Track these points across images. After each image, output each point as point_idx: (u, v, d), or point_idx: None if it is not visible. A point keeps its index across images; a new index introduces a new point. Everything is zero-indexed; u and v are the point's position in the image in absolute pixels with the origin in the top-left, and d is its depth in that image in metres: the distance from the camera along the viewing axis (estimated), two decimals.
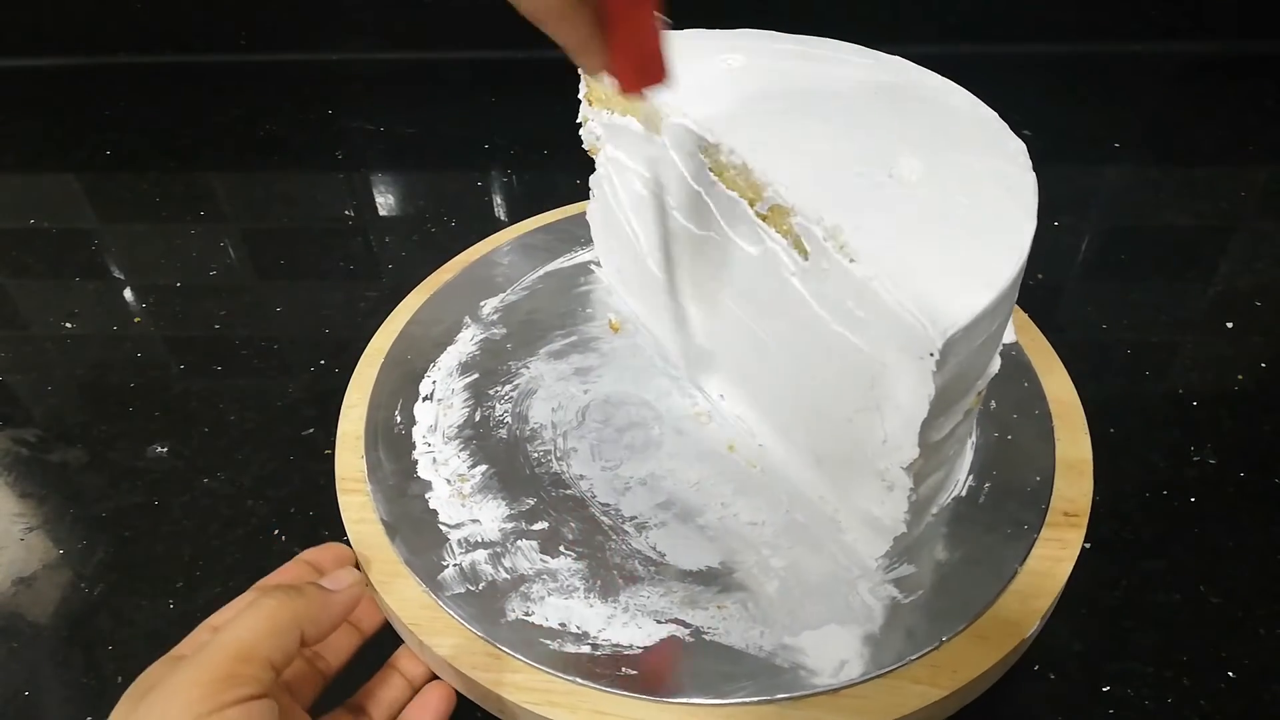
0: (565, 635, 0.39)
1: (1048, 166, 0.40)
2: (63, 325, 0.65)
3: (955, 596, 0.40)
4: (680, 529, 0.43)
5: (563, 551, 0.43)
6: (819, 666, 0.38)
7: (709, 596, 0.41)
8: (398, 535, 0.43)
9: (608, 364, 0.52)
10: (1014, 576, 0.40)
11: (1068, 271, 0.66)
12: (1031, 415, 0.47)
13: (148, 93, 0.93)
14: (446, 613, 0.40)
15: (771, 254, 0.40)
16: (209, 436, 0.56)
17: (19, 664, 0.45)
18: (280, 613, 0.33)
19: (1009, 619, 0.39)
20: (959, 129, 0.42)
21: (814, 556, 0.42)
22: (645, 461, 0.46)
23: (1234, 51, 0.88)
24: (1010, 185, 0.38)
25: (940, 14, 0.87)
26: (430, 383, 0.51)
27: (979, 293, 0.33)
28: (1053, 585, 0.40)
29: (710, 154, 0.42)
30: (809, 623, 0.39)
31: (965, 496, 0.44)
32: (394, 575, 0.42)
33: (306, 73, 0.93)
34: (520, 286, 0.57)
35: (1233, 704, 0.41)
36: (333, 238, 0.73)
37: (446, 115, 0.88)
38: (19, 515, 0.52)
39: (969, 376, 0.37)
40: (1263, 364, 0.58)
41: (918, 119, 0.42)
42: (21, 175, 0.84)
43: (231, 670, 0.31)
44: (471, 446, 0.48)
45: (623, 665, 0.38)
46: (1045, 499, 0.43)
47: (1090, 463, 0.45)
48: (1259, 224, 0.70)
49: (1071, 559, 0.41)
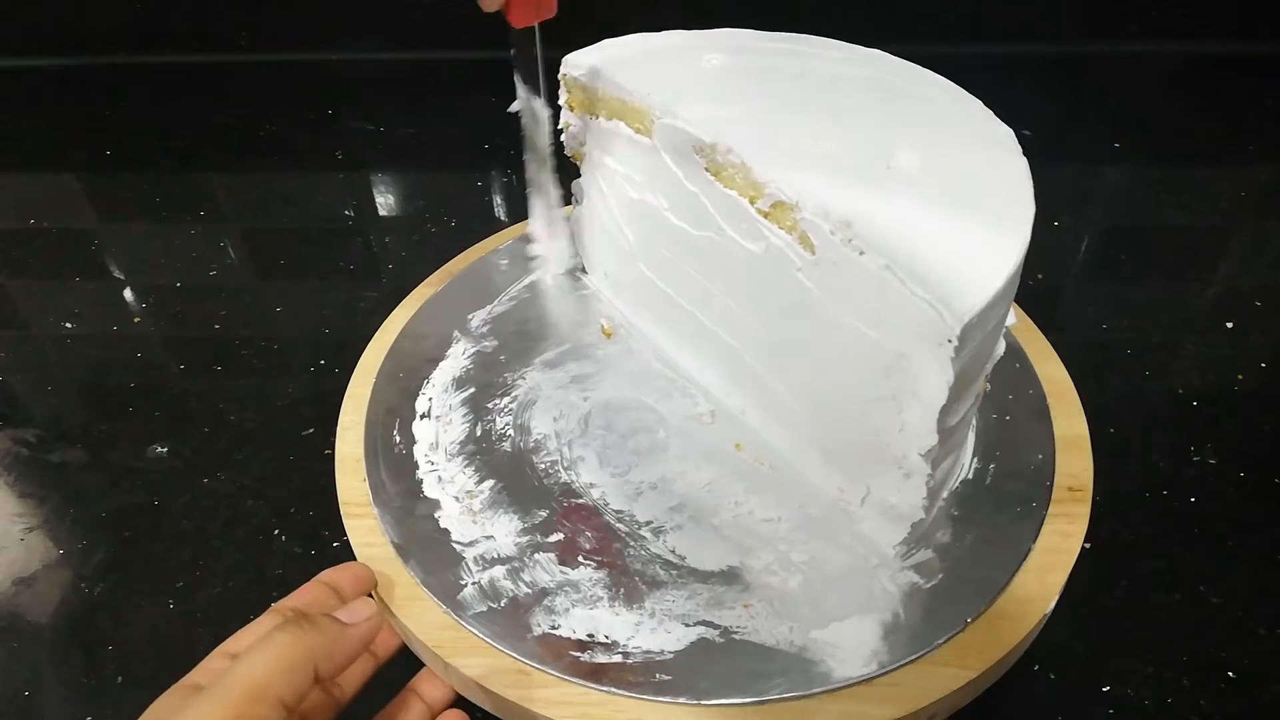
0: (595, 646, 0.39)
1: (1048, 166, 0.40)
2: (63, 325, 0.65)
3: (973, 578, 0.40)
4: (696, 531, 0.43)
5: (582, 562, 0.42)
6: (849, 657, 0.38)
7: (733, 596, 0.41)
8: (411, 557, 0.43)
9: (604, 370, 0.52)
10: (1028, 554, 0.41)
11: (1068, 271, 0.66)
12: (1026, 395, 0.48)
13: (148, 93, 0.93)
14: (470, 632, 0.40)
15: (775, 251, 0.40)
16: (209, 436, 0.56)
17: (19, 664, 0.45)
18: (295, 649, 0.32)
19: (1028, 596, 0.40)
20: (947, 118, 0.43)
21: (832, 549, 0.42)
22: (654, 465, 0.46)
23: (1234, 51, 0.88)
24: (1004, 171, 0.39)
25: (940, 14, 0.87)
26: (426, 400, 0.50)
27: (990, 277, 0.34)
28: (1066, 560, 0.41)
29: (706, 154, 0.42)
30: (834, 615, 0.39)
31: (972, 479, 0.44)
32: (412, 599, 0.41)
33: (306, 73, 0.93)
34: (507, 297, 0.56)
35: (1233, 704, 0.41)
36: (333, 238, 0.73)
37: (446, 115, 0.88)
38: (19, 515, 0.52)
39: (981, 360, 0.38)
40: (1263, 364, 0.58)
41: (907, 110, 0.43)
42: (21, 175, 0.84)
43: (243, 711, 0.30)
44: (476, 462, 0.47)
45: (657, 671, 0.38)
46: (1049, 476, 0.44)
47: (1088, 438, 0.46)
48: (1259, 224, 0.70)
49: (1081, 533, 0.42)
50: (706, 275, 0.46)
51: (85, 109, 0.91)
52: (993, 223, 0.36)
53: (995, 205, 0.37)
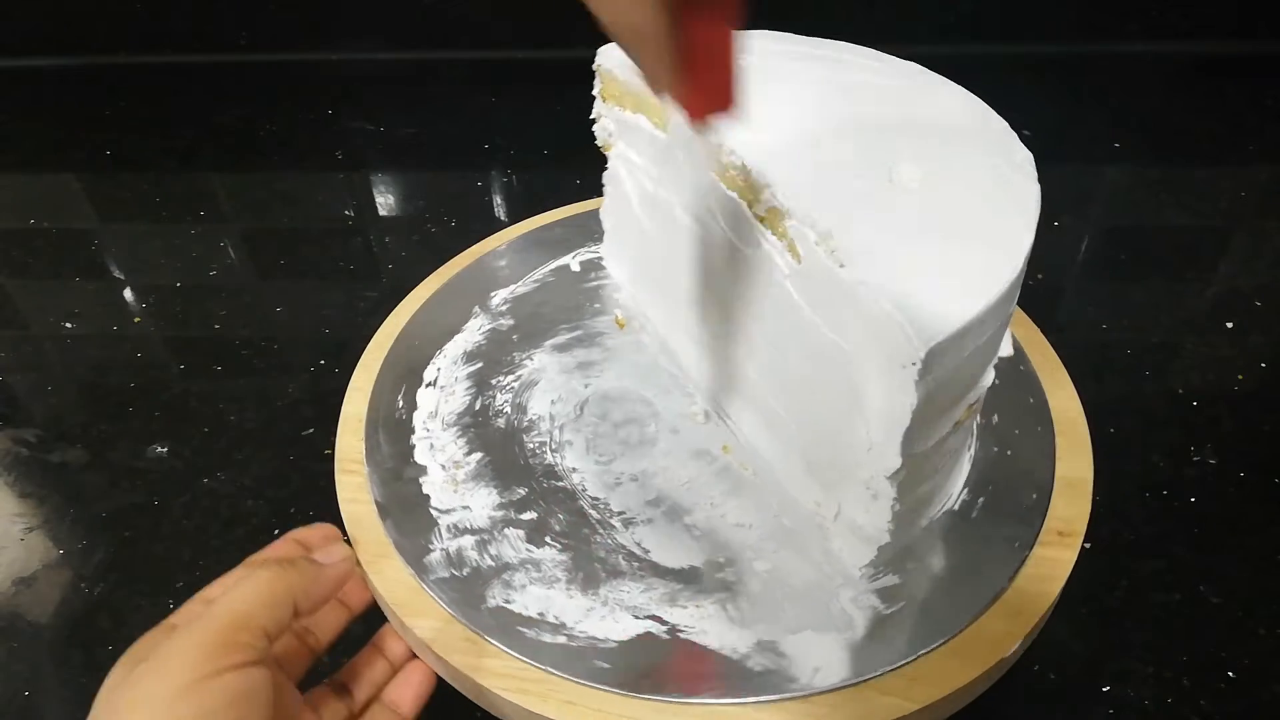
0: (543, 625, 0.39)
1: (1048, 166, 0.40)
2: (63, 325, 0.65)
3: (938, 611, 0.39)
4: (667, 527, 0.43)
5: (548, 542, 0.43)
6: (792, 672, 0.38)
7: (689, 595, 0.40)
8: (389, 517, 0.44)
9: (611, 359, 0.52)
10: (1000, 594, 0.40)
11: (1068, 271, 0.66)
12: (1034, 432, 0.46)
13: (148, 93, 0.93)
14: (429, 595, 0.41)
15: (767, 256, 0.40)
16: (209, 436, 0.56)
17: (19, 664, 0.45)
18: (275, 584, 0.33)
19: (991, 637, 0.38)
20: (966, 136, 0.41)
21: (798, 561, 0.42)
22: (639, 458, 0.46)
23: (1234, 51, 0.88)
24: (1013, 195, 0.38)
25: (940, 14, 0.87)
26: (435, 369, 0.51)
27: (968, 302, 0.33)
28: (1039, 606, 0.39)
29: (711, 153, 0.42)
30: (788, 627, 0.39)
31: (958, 510, 0.43)
32: (382, 556, 0.42)
33: (306, 73, 0.93)
34: (531, 279, 0.57)
35: (1233, 704, 0.41)
36: (333, 238, 0.73)
37: (446, 115, 0.88)
38: (19, 515, 0.52)
39: (956, 388, 0.37)
40: (1263, 364, 0.58)
41: (924, 124, 0.42)
42: (21, 175, 0.84)
43: (228, 637, 0.31)
44: (469, 434, 0.48)
45: (596, 658, 0.38)
46: (1040, 517, 0.43)
47: (1090, 483, 0.44)
48: (1259, 224, 0.70)
49: (1062, 578, 0.40)
50: (708, 274, 0.46)
51: (85, 109, 0.91)
52: (984, 248, 0.35)
53: (992, 230, 0.36)
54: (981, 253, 0.35)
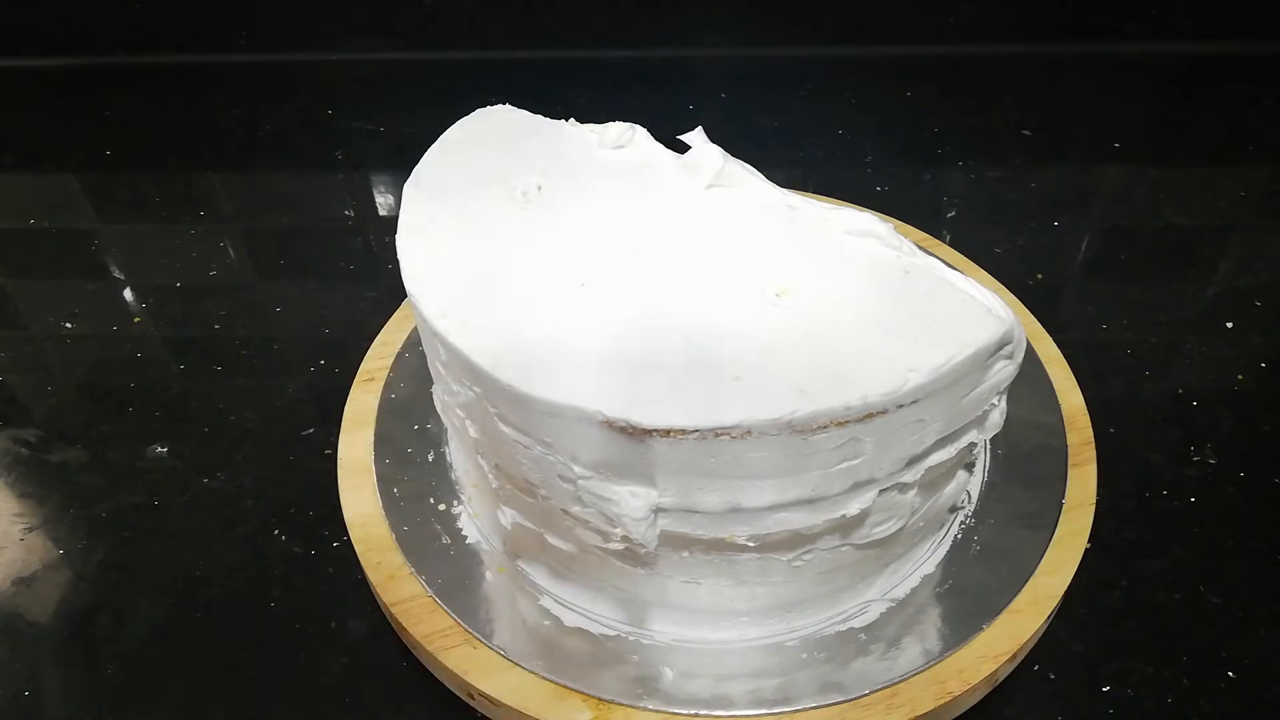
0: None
1: (1048, 166, 0.40)
2: (63, 325, 0.65)
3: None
4: None
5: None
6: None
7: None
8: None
9: None
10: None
11: (1068, 271, 0.66)
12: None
13: (148, 93, 0.92)
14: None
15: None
16: (209, 436, 0.56)
17: (19, 664, 0.45)
18: None
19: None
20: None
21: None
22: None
23: (1234, 52, 0.88)
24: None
25: (940, 14, 0.87)
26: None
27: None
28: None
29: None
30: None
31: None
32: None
33: (306, 73, 0.93)
34: None
35: (1233, 704, 0.41)
36: (333, 238, 0.73)
37: (446, 115, 0.88)
38: (19, 515, 0.52)
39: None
40: (1263, 364, 0.58)
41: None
42: (21, 175, 0.84)
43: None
44: None
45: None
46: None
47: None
48: (1259, 224, 0.70)
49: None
50: None
51: (85, 109, 0.91)
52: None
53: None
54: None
